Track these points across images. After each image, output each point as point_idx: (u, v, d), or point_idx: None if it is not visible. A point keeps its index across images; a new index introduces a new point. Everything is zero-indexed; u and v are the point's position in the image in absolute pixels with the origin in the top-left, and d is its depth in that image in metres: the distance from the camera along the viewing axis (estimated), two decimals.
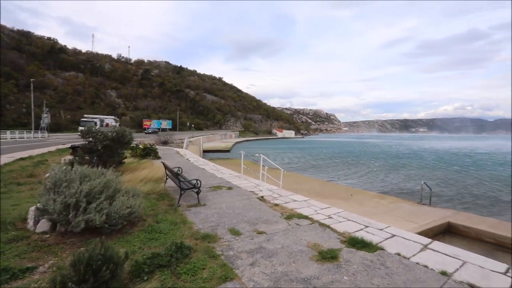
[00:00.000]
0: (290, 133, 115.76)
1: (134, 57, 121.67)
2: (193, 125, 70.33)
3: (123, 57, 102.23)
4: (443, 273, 3.11)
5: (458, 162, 31.08)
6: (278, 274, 3.00)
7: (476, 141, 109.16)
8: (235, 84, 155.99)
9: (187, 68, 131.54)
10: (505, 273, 3.14)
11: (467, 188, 15.76)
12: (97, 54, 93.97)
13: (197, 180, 5.80)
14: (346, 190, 11.19)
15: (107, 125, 28.72)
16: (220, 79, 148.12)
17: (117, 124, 28.61)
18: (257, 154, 9.17)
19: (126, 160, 10.24)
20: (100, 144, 8.17)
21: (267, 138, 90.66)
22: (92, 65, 79.24)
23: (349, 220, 4.84)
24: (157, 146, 16.06)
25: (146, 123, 66.78)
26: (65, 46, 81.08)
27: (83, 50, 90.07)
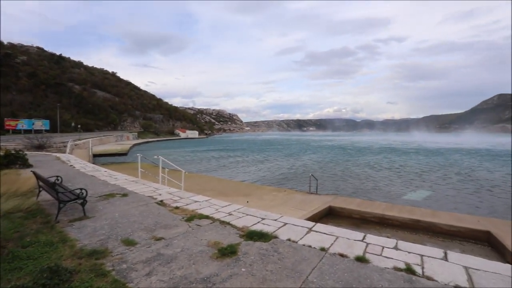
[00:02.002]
0: (194, 133, 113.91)
1: None
2: (79, 126, 60.11)
3: None
4: (322, 249, 3.71)
5: (343, 153, 37.43)
6: (177, 279, 2.93)
7: (355, 137, 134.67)
8: (132, 81, 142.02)
9: (69, 58, 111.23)
10: (362, 240, 4.02)
11: (347, 175, 19.19)
12: None
13: (81, 189, 5.01)
14: (248, 187, 11.86)
15: None
16: (113, 74, 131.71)
17: None
18: (155, 156, 8.63)
19: None
20: None
21: (170, 139, 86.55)
22: None
23: (248, 215, 5.16)
24: (27, 152, 13.01)
25: (9, 123, 52.86)
26: None
27: None
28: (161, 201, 6.07)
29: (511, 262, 5.05)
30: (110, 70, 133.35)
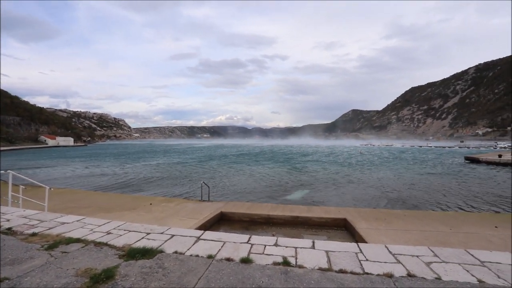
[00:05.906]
0: (67, 141, 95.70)
1: None
2: None
3: None
4: (209, 257, 3.73)
5: (233, 160, 38.99)
6: None
7: (250, 142, 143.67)
8: None
9: None
10: (247, 242, 4.29)
11: (236, 180, 20.09)
12: None
13: None
14: (135, 199, 10.78)
15: None
16: None
17: None
18: (2, 171, 6.69)
19: None
20: None
21: (32, 147, 69.77)
22: None
23: (130, 231, 4.66)
24: None
25: None
26: None
27: None
28: (9, 228, 4.73)
29: (358, 240, 6.46)
30: None
